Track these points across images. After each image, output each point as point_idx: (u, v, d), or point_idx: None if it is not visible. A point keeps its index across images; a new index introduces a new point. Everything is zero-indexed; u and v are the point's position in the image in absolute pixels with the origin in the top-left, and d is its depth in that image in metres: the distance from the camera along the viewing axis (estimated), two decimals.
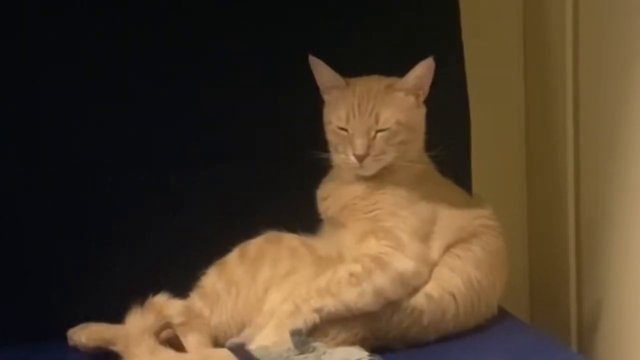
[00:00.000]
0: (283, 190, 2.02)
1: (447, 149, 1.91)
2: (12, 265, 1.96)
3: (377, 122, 1.81)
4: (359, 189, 1.85)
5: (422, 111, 1.87)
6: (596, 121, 2.04)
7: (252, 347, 1.64)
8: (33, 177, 1.98)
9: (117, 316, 1.80)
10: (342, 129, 1.83)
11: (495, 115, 2.33)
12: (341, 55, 1.93)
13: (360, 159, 1.81)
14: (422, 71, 1.83)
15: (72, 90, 1.99)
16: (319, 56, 1.86)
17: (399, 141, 1.82)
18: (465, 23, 2.16)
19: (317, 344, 1.63)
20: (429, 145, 1.90)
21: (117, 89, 2.01)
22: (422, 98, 1.86)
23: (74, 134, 2.00)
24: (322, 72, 1.86)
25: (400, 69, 1.85)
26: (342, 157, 1.84)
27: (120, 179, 2.00)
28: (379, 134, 1.81)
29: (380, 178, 1.84)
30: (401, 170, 1.84)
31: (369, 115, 1.81)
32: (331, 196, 1.89)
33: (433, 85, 1.86)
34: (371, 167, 1.82)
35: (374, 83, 1.85)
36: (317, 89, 1.88)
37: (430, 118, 1.90)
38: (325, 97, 1.88)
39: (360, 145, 1.80)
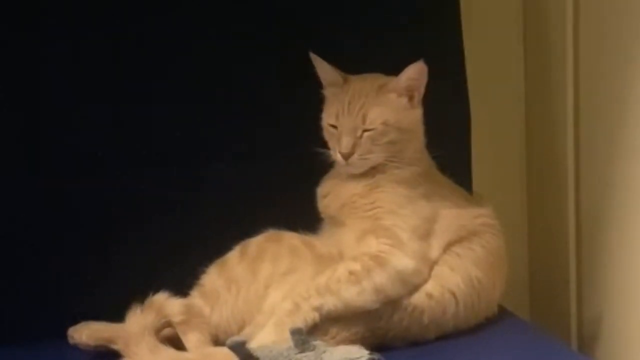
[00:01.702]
0: (283, 190, 2.01)
1: (447, 149, 1.92)
2: (12, 264, 1.96)
3: (363, 121, 1.82)
4: (358, 187, 1.85)
5: (417, 113, 1.87)
6: (596, 120, 2.04)
7: (253, 345, 1.64)
8: (32, 177, 1.98)
9: (117, 315, 1.80)
10: (332, 126, 1.84)
11: (496, 115, 2.33)
12: (341, 55, 1.93)
13: (346, 157, 1.82)
14: (413, 73, 1.83)
15: (72, 91, 1.99)
16: (319, 55, 1.86)
17: (387, 141, 1.82)
18: (465, 23, 2.16)
19: (317, 343, 1.62)
20: (429, 146, 1.90)
21: (117, 88, 2.01)
22: (417, 100, 1.85)
23: (74, 133, 2.00)
24: (322, 69, 1.87)
25: (400, 69, 1.85)
26: (332, 153, 1.85)
27: (120, 178, 2.00)
28: (366, 134, 1.82)
29: (380, 176, 1.84)
30: (400, 169, 1.84)
31: (356, 114, 1.82)
32: (331, 194, 1.89)
33: (433, 85, 1.86)
34: (357, 166, 1.83)
35: (368, 82, 1.86)
36: (317, 87, 1.89)
37: (431, 118, 1.90)
38: (325, 93, 1.90)
39: (345, 143, 1.81)
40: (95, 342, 1.80)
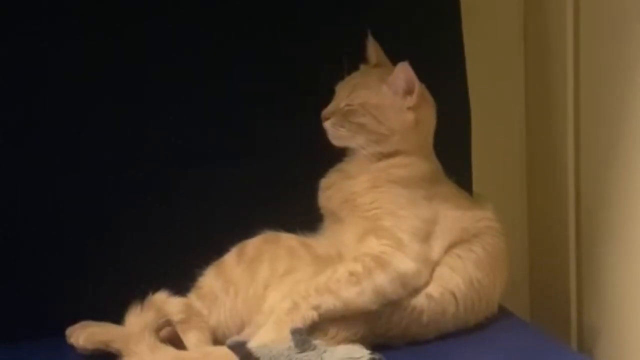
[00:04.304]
0: (283, 190, 2.01)
1: (447, 149, 1.92)
2: (12, 264, 1.96)
3: (348, 95, 1.87)
4: (358, 184, 1.85)
5: (406, 116, 1.85)
6: (597, 121, 2.04)
7: (252, 344, 1.64)
8: (32, 176, 1.97)
9: (116, 315, 1.80)
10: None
11: (496, 115, 2.33)
12: (341, 55, 1.93)
13: (323, 119, 1.88)
14: (397, 74, 1.85)
15: (72, 89, 1.99)
16: (318, 55, 1.90)
17: (359, 123, 1.85)
18: (466, 23, 2.16)
19: (318, 343, 1.62)
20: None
21: (118, 87, 2.00)
22: (409, 103, 1.85)
23: (74, 132, 2.00)
24: (367, 50, 1.94)
25: None
26: None
27: (120, 178, 2.00)
28: (346, 107, 1.86)
29: (380, 175, 1.84)
30: (400, 168, 1.85)
31: (349, 89, 1.88)
32: (334, 187, 1.89)
33: (433, 85, 1.88)
34: (330, 133, 1.88)
35: (380, 70, 1.90)
36: (317, 86, 1.91)
37: None
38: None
39: (329, 107, 1.88)
40: (92, 345, 1.80)
